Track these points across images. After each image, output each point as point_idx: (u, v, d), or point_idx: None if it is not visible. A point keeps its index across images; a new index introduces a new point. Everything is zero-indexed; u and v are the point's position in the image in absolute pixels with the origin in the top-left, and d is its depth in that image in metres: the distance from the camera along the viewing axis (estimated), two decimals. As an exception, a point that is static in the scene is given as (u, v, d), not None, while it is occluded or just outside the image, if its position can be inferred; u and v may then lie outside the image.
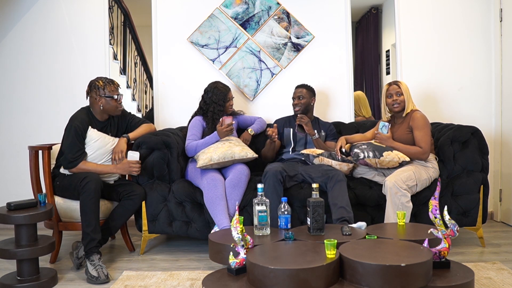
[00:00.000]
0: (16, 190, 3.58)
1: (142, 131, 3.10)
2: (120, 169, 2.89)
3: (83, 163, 2.84)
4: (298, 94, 3.32)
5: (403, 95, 3.00)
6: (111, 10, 4.15)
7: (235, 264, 1.99)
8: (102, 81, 2.93)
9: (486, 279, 2.40)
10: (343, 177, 2.85)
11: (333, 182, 2.81)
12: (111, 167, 2.90)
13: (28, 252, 2.40)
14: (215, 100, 3.23)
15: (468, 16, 3.76)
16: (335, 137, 3.38)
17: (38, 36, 3.77)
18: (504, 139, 3.69)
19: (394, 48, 3.86)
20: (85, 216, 2.64)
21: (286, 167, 2.98)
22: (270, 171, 2.86)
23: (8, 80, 3.79)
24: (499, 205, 3.75)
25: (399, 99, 3.01)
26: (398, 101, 3.01)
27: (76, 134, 2.81)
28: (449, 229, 1.98)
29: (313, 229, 2.37)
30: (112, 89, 2.91)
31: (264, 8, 3.75)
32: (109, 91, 2.90)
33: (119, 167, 2.89)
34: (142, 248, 3.05)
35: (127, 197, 2.87)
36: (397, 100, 3.01)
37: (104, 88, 2.90)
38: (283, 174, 2.87)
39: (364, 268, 1.77)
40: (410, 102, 3.01)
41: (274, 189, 2.80)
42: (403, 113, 3.03)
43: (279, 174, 2.84)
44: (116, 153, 2.90)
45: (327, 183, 2.84)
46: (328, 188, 2.83)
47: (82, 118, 2.87)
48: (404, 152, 2.92)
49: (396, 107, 3.03)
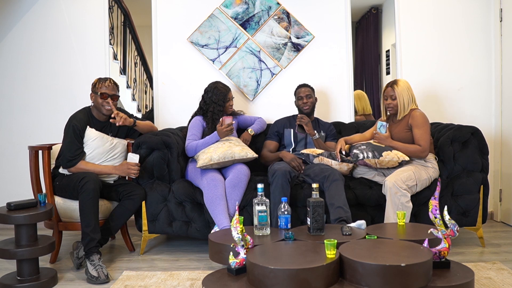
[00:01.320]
0: (16, 190, 3.58)
1: (146, 123, 3.12)
2: (119, 170, 2.89)
3: (82, 163, 2.84)
4: (306, 93, 3.32)
5: (396, 99, 2.99)
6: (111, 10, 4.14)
7: (235, 264, 1.99)
8: (98, 79, 2.93)
9: (486, 279, 2.40)
10: (339, 176, 2.85)
11: (329, 182, 2.81)
12: (110, 168, 2.89)
13: (28, 252, 2.40)
14: (215, 100, 3.23)
15: (468, 16, 3.76)
16: (335, 137, 3.38)
17: (38, 36, 3.77)
18: (504, 139, 3.69)
19: (394, 48, 3.86)
20: (84, 216, 2.64)
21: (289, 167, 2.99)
22: (279, 171, 2.83)
23: (8, 80, 3.79)
24: (499, 205, 3.75)
25: (392, 103, 3.01)
26: (391, 105, 3.02)
27: (74, 133, 2.81)
28: (449, 229, 1.98)
29: (313, 229, 2.37)
30: (100, 86, 2.87)
31: (264, 8, 3.75)
32: (99, 87, 2.88)
33: (118, 168, 2.89)
34: (142, 248, 3.04)
35: (127, 197, 2.87)
36: (391, 104, 3.02)
37: (96, 85, 2.90)
38: (291, 174, 2.87)
39: (364, 268, 1.77)
40: (407, 104, 2.97)
41: (281, 188, 2.79)
42: (397, 116, 3.02)
43: (288, 174, 2.84)
44: (119, 114, 2.84)
45: (324, 182, 2.84)
46: (324, 187, 2.83)
47: (81, 117, 2.87)
48: (403, 150, 2.92)
49: (390, 110, 3.05)
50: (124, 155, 3.04)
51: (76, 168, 2.82)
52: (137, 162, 2.88)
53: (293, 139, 3.31)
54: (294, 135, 3.31)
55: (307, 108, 3.32)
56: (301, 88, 3.37)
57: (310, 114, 3.35)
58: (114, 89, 2.93)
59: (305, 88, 3.35)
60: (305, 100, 3.32)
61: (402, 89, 2.99)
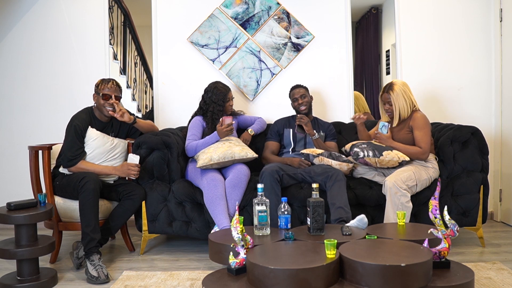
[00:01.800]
0: (16, 190, 3.58)
1: (147, 122, 3.13)
2: (119, 171, 2.89)
3: (82, 162, 2.84)
4: (300, 94, 3.32)
5: (392, 105, 3.00)
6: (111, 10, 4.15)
7: (235, 264, 1.99)
8: (101, 80, 2.94)
9: (486, 279, 2.40)
10: (343, 176, 2.85)
11: (332, 181, 2.81)
12: (110, 169, 2.90)
13: (28, 252, 2.40)
14: (214, 100, 3.23)
15: (468, 16, 3.76)
16: (334, 137, 3.38)
17: (38, 36, 3.77)
18: (504, 139, 3.69)
19: (394, 48, 3.86)
20: (84, 216, 2.64)
21: (285, 166, 2.99)
22: (266, 171, 2.87)
23: (8, 80, 3.79)
24: (499, 205, 3.75)
25: (390, 108, 3.03)
26: (390, 110, 3.04)
27: (76, 133, 2.81)
28: (449, 229, 1.98)
29: (313, 229, 2.37)
30: (103, 87, 2.88)
31: (264, 8, 3.75)
32: (101, 88, 2.89)
33: (118, 169, 2.89)
34: (142, 248, 3.05)
35: (127, 197, 2.87)
36: (389, 109, 3.04)
37: (99, 86, 2.91)
38: (279, 173, 2.87)
39: (364, 268, 1.77)
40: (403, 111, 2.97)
41: (272, 189, 2.80)
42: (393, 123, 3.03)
43: (275, 173, 2.85)
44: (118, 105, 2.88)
45: (326, 182, 2.84)
46: (327, 187, 2.83)
47: (83, 117, 2.88)
48: (403, 152, 2.92)
49: (389, 115, 3.07)
50: (125, 155, 3.04)
51: (76, 167, 2.83)
52: (138, 163, 2.88)
53: (292, 139, 3.31)
54: (294, 135, 3.31)
55: (304, 108, 3.31)
56: (295, 89, 3.37)
57: (308, 113, 3.35)
58: (117, 91, 2.93)
59: (299, 89, 3.35)
60: (300, 100, 3.32)
61: (397, 94, 2.96)
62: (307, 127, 3.21)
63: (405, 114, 2.99)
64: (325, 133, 3.37)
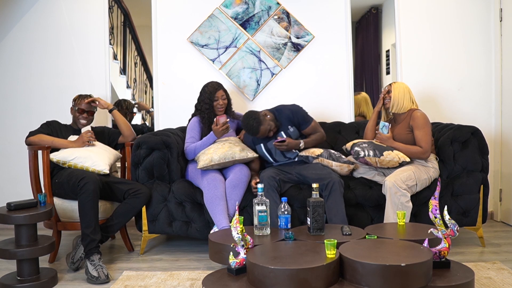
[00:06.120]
0: (16, 190, 3.57)
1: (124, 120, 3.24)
2: (76, 143, 2.97)
3: (41, 135, 2.94)
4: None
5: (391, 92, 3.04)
6: (111, 10, 4.15)
7: (235, 264, 1.99)
8: (79, 95, 3.19)
9: (486, 279, 2.40)
10: (338, 184, 2.77)
11: (327, 191, 2.77)
12: (67, 142, 2.97)
13: (28, 252, 2.40)
14: (203, 99, 3.20)
15: (468, 16, 3.76)
16: (306, 121, 3.10)
17: (38, 36, 3.77)
18: (504, 139, 3.69)
19: (394, 48, 3.86)
20: (84, 217, 2.64)
21: (279, 171, 2.95)
22: (264, 178, 2.84)
23: (8, 80, 3.79)
24: (499, 205, 3.75)
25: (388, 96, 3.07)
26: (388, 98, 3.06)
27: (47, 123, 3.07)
28: (449, 229, 1.99)
29: (313, 229, 2.37)
30: (80, 102, 3.13)
31: (264, 8, 3.75)
32: (77, 103, 3.14)
33: (75, 141, 2.98)
34: (142, 248, 3.05)
35: (133, 195, 2.87)
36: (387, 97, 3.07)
37: (75, 100, 3.17)
38: (276, 179, 2.85)
39: (364, 268, 1.77)
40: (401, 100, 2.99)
41: (270, 198, 2.74)
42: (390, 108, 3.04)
43: (272, 180, 2.83)
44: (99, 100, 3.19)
45: (322, 189, 2.79)
46: (323, 196, 2.78)
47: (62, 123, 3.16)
48: (404, 152, 2.92)
49: (387, 103, 3.07)
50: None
51: (32, 139, 2.92)
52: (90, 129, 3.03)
53: (266, 152, 3.10)
54: (267, 149, 3.09)
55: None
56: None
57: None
58: (91, 107, 3.17)
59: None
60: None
61: (398, 85, 3.04)
62: (288, 147, 2.97)
63: (401, 103, 2.99)
64: (294, 125, 3.09)
